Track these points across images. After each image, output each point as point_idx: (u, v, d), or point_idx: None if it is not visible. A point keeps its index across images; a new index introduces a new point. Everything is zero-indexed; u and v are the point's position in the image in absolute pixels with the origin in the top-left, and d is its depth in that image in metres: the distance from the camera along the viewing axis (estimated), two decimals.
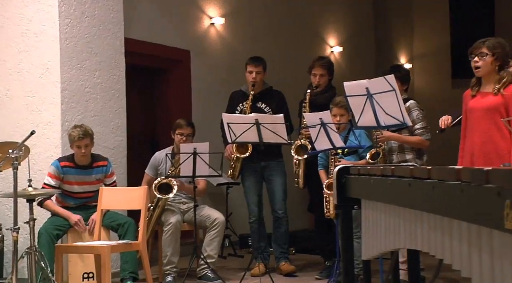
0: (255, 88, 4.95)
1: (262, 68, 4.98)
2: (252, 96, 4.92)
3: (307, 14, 7.33)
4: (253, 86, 4.92)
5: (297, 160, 4.77)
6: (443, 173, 1.51)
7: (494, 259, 1.27)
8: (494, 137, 3.52)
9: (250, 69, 4.96)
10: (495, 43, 3.54)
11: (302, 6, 7.22)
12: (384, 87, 3.62)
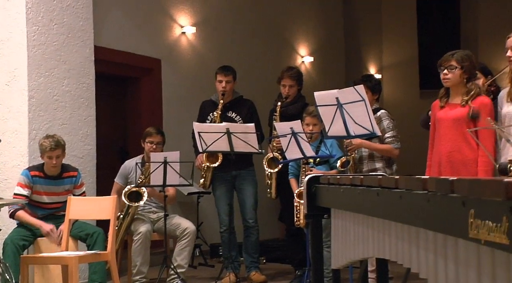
0: (225, 97, 4.95)
1: (232, 77, 4.99)
2: (222, 105, 4.92)
3: (279, 24, 7.38)
4: (223, 95, 4.93)
5: (269, 173, 4.79)
6: (410, 182, 1.54)
7: (459, 267, 1.29)
8: (462, 147, 3.60)
9: (220, 78, 4.97)
10: (464, 56, 3.63)
11: (273, 16, 7.26)
12: (354, 97, 3.67)
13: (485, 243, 1.09)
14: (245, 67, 6.22)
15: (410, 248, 1.62)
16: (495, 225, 1.03)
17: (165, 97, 6.21)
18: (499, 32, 5.14)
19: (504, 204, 0.98)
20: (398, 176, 1.69)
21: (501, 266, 1.09)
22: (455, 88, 3.67)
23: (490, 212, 1.06)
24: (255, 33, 7.02)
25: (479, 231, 1.10)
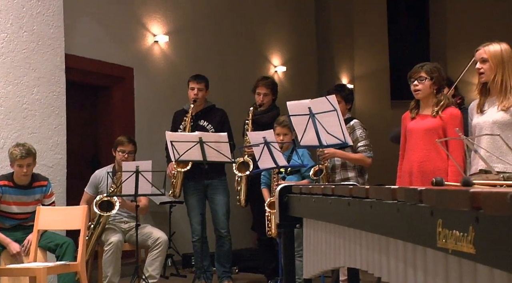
0: (197, 106, 4.95)
1: (204, 86, 5.00)
2: (192, 113, 4.91)
3: (252, 34, 7.41)
4: (194, 102, 4.92)
5: (239, 177, 4.79)
6: (380, 192, 1.55)
7: (428, 277, 1.30)
8: (432, 157, 3.66)
9: (192, 86, 4.97)
10: (433, 67, 3.71)
11: (246, 26, 7.29)
12: (326, 107, 3.70)
13: (452, 253, 1.10)
14: (218, 77, 6.22)
15: (380, 257, 1.64)
16: (462, 235, 1.05)
17: (137, 105, 6.17)
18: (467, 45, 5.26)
19: (470, 214, 1.00)
20: (368, 186, 1.71)
21: (468, 275, 1.10)
22: (425, 99, 3.74)
23: (457, 222, 1.08)
24: (228, 42, 7.03)
25: (447, 241, 1.12)
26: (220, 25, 6.92)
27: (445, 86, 3.91)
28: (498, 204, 0.88)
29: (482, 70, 3.43)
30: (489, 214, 0.93)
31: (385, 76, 8.82)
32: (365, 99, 8.75)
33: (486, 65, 3.41)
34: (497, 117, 3.36)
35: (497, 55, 3.39)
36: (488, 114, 3.43)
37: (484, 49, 3.43)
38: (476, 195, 0.96)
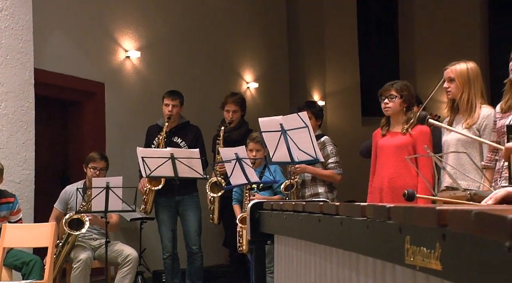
0: (171, 122, 4.94)
1: (179, 102, 4.99)
2: (166, 129, 4.90)
3: (224, 49, 7.43)
4: (169, 119, 4.91)
5: (212, 197, 4.78)
6: (350, 209, 1.56)
7: None
8: (402, 173, 3.71)
9: (167, 102, 4.96)
10: (403, 86, 3.78)
11: (219, 42, 7.31)
12: (297, 124, 3.73)
13: (420, 269, 1.12)
14: (190, 92, 6.21)
15: (350, 274, 1.64)
16: (429, 251, 1.06)
17: (109, 121, 6.11)
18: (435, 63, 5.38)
19: (437, 230, 1.01)
20: (338, 202, 1.72)
21: None
22: (395, 116, 3.81)
23: (424, 239, 1.09)
24: (201, 58, 7.04)
25: (415, 257, 1.13)
26: (192, 41, 6.93)
27: (414, 104, 3.99)
28: (463, 221, 0.89)
29: (449, 88, 3.51)
30: (454, 231, 0.95)
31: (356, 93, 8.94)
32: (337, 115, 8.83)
33: (453, 84, 3.49)
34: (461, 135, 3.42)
35: (464, 74, 3.47)
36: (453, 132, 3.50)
37: (451, 69, 3.52)
38: (443, 212, 0.98)
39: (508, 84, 3.13)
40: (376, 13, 9.87)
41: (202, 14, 7.01)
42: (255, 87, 7.82)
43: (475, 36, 9.09)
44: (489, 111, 3.44)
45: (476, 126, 3.40)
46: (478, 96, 3.46)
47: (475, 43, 8.95)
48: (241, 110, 5.05)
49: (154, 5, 6.46)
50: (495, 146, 2.67)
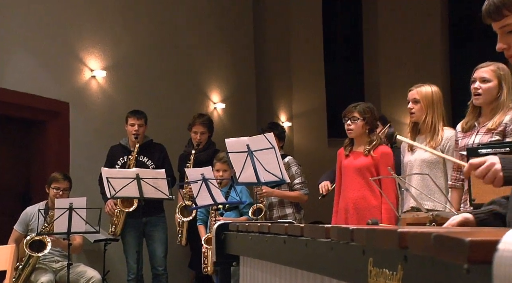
0: (136, 142, 4.91)
1: (144, 121, 4.99)
2: (137, 149, 4.88)
3: (191, 70, 7.44)
4: (136, 139, 4.88)
5: (181, 221, 4.76)
6: (314, 231, 1.57)
7: None
8: (366, 194, 3.75)
9: (132, 122, 4.94)
10: (366, 108, 3.85)
11: (186, 63, 7.32)
12: (264, 145, 3.74)
13: None
14: (157, 113, 6.18)
15: None
16: (391, 273, 1.07)
17: (73, 141, 6.02)
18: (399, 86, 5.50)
19: (399, 253, 1.03)
20: (303, 224, 1.73)
21: None
22: (358, 138, 3.86)
23: (386, 261, 1.10)
24: (167, 78, 7.03)
25: (378, 279, 1.14)
26: (159, 61, 6.92)
27: (377, 126, 4.05)
28: (423, 243, 0.91)
29: (413, 110, 3.58)
30: (415, 253, 0.97)
31: (322, 114, 9.03)
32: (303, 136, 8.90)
33: (418, 105, 3.57)
34: (425, 156, 3.50)
35: (428, 96, 3.55)
36: (417, 153, 3.57)
37: (417, 90, 3.59)
38: (404, 234, 0.99)
39: (471, 106, 3.22)
40: (342, 36, 10.06)
41: (169, 34, 7.02)
42: (222, 108, 7.84)
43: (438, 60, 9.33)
44: (451, 133, 3.52)
45: (440, 148, 3.48)
46: (440, 119, 3.54)
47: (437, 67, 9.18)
48: (209, 132, 5.07)
49: (120, 25, 6.44)
50: (460, 163, 2.73)
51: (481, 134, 3.11)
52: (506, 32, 1.62)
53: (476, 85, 3.11)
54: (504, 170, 1.46)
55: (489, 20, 1.64)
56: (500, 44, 1.64)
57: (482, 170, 1.49)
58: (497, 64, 3.11)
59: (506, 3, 1.59)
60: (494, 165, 1.48)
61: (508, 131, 2.99)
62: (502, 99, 3.07)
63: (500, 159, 1.49)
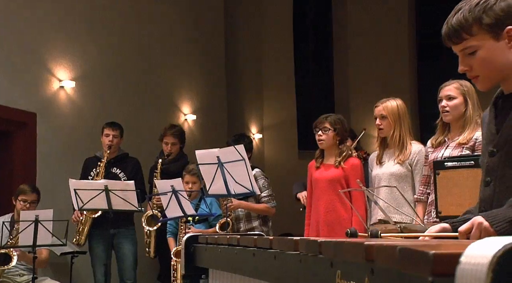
0: (110, 153, 4.87)
1: (119, 133, 4.99)
2: (106, 160, 4.82)
3: (162, 82, 7.41)
4: (109, 149, 4.85)
5: (148, 231, 4.71)
6: (283, 243, 1.57)
7: None
8: (337, 207, 3.78)
9: (107, 132, 4.92)
10: (336, 119, 3.89)
11: (156, 74, 7.29)
12: (234, 157, 3.74)
13: None
14: (127, 124, 6.12)
15: None
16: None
17: (40, 152, 5.92)
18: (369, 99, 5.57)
19: (365, 265, 1.04)
20: (272, 236, 1.73)
21: None
22: (329, 149, 3.89)
23: (354, 273, 1.11)
24: (137, 89, 6.98)
25: None
26: (129, 72, 6.87)
27: (348, 137, 4.10)
28: (389, 256, 0.92)
29: (381, 126, 3.63)
30: (382, 266, 0.98)
31: (292, 126, 9.08)
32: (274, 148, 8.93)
33: (385, 121, 3.62)
34: (394, 169, 3.55)
35: (395, 111, 3.61)
36: (386, 166, 3.62)
37: (383, 106, 3.65)
38: (370, 247, 1.00)
39: (440, 124, 3.32)
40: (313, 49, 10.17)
41: (140, 46, 6.99)
42: (192, 119, 7.82)
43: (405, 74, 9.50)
44: (419, 147, 3.59)
45: (408, 161, 3.54)
46: (407, 132, 3.60)
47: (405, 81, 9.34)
48: (180, 143, 5.06)
49: (90, 35, 6.39)
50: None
51: (451, 148, 3.19)
52: (467, 54, 1.64)
53: (443, 103, 3.22)
54: (494, 225, 1.48)
55: (450, 43, 1.67)
56: (462, 67, 1.67)
57: (474, 234, 1.51)
58: (460, 82, 3.24)
59: (464, 26, 1.61)
60: (481, 224, 1.50)
61: (477, 146, 3.07)
62: (469, 114, 3.17)
63: (484, 216, 1.51)
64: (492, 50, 1.61)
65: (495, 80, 1.66)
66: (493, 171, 1.62)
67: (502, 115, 1.67)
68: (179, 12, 7.56)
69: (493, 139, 1.66)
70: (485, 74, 1.64)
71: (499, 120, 1.67)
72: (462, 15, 1.62)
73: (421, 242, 1.35)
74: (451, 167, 2.81)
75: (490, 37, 1.60)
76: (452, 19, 1.64)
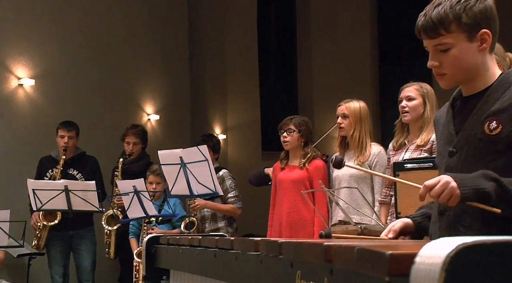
0: (66, 154, 4.77)
1: (75, 133, 4.86)
2: (63, 162, 4.72)
3: (124, 81, 7.32)
4: (65, 151, 4.74)
5: (108, 230, 4.65)
6: (244, 244, 1.58)
7: None
8: (300, 208, 3.81)
9: (62, 134, 4.80)
10: (301, 121, 3.93)
11: (119, 73, 7.19)
12: (197, 157, 3.73)
13: None
14: (88, 123, 6.03)
15: None
16: None
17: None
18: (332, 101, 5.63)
19: (325, 266, 1.05)
20: (233, 237, 1.73)
21: None
22: (293, 150, 3.92)
23: (314, 274, 1.12)
24: (99, 88, 6.88)
25: None
26: (91, 70, 6.76)
27: (312, 139, 4.13)
28: (347, 257, 0.93)
29: (342, 124, 3.68)
30: (340, 267, 0.99)
31: (256, 127, 9.09)
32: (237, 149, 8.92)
33: (347, 120, 3.67)
34: (354, 171, 3.59)
35: (357, 112, 3.66)
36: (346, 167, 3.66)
37: (346, 106, 3.70)
38: (329, 248, 1.01)
39: (399, 125, 3.38)
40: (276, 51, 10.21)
41: (101, 44, 6.88)
42: (156, 119, 7.74)
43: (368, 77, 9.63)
44: (378, 149, 3.64)
45: (368, 163, 3.59)
46: (367, 134, 3.66)
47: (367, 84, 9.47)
48: (142, 143, 5.00)
49: (50, 32, 6.26)
50: (389, 178, 2.82)
51: (411, 151, 3.26)
52: (440, 50, 1.63)
53: (403, 104, 3.29)
54: (461, 187, 1.46)
55: (425, 36, 1.64)
56: (432, 62, 1.65)
57: (437, 189, 1.48)
58: (420, 84, 3.31)
59: (444, 22, 1.59)
60: (449, 183, 1.47)
61: (434, 148, 3.14)
62: (427, 115, 3.24)
63: (453, 177, 1.49)
64: (464, 50, 1.61)
65: (459, 80, 1.67)
66: (452, 171, 1.65)
67: (461, 116, 1.68)
68: (142, 10, 7.48)
69: (453, 140, 1.68)
70: (452, 73, 1.64)
71: (458, 121, 1.69)
72: (443, 10, 1.60)
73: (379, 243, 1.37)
74: (410, 168, 2.86)
75: (465, 37, 1.61)
76: (432, 12, 1.61)
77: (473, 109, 1.65)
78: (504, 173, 1.54)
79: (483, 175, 1.50)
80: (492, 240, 0.72)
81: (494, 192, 1.47)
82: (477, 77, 1.66)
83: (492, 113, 1.60)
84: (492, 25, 1.64)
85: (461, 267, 0.70)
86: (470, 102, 1.68)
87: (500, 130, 1.57)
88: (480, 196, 1.48)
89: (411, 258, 0.74)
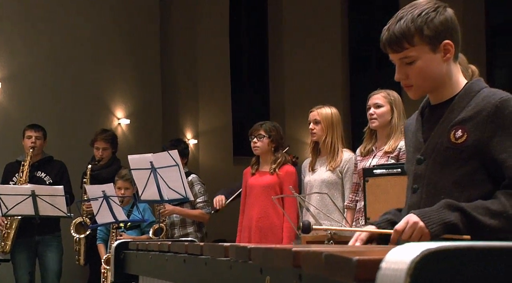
0: (34, 156, 4.70)
1: (42, 135, 4.81)
2: (29, 163, 4.65)
3: (94, 84, 7.24)
4: (32, 151, 4.67)
5: (78, 238, 4.59)
6: (213, 249, 1.57)
7: None
8: (269, 213, 3.82)
9: (29, 134, 4.74)
10: (272, 126, 3.94)
11: (89, 77, 7.11)
12: (168, 162, 3.71)
13: None
14: (56, 127, 5.94)
15: None
16: None
17: None
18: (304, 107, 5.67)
19: (294, 271, 1.05)
20: (203, 243, 1.73)
21: None
22: (264, 156, 3.94)
23: (283, 279, 1.13)
24: (68, 92, 6.78)
25: None
26: (60, 74, 6.67)
27: (283, 144, 4.16)
28: (315, 262, 0.94)
29: (314, 130, 3.71)
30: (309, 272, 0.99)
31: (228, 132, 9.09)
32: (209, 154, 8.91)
33: (319, 126, 3.70)
34: (325, 176, 3.63)
35: (328, 118, 3.70)
36: (318, 173, 3.69)
37: (317, 111, 3.73)
38: (297, 253, 1.02)
39: (367, 131, 3.43)
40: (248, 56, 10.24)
41: (71, 47, 6.80)
42: (126, 124, 7.68)
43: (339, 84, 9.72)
44: (350, 155, 3.68)
45: (339, 169, 3.63)
46: (339, 140, 3.69)
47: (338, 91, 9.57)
48: (112, 148, 4.95)
49: (18, 35, 6.16)
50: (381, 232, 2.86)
51: (378, 157, 3.30)
52: (405, 63, 1.66)
53: (371, 111, 3.34)
54: (429, 226, 1.51)
55: (389, 50, 1.67)
56: (399, 75, 1.69)
57: (406, 232, 1.53)
58: (387, 91, 3.37)
59: (407, 35, 1.62)
60: (417, 224, 1.53)
61: (401, 155, 3.19)
62: (394, 122, 3.29)
63: (419, 215, 1.54)
64: (429, 61, 1.65)
65: (427, 90, 1.71)
66: (420, 178, 1.68)
67: (429, 124, 1.72)
68: (113, 13, 7.42)
69: (421, 148, 1.71)
70: (419, 83, 1.68)
71: (426, 128, 1.72)
72: (405, 24, 1.62)
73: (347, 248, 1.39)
74: (379, 174, 2.90)
75: (428, 48, 1.64)
76: (395, 26, 1.64)
77: (440, 118, 1.69)
78: (470, 181, 1.58)
79: (446, 206, 1.55)
80: (455, 245, 0.73)
81: (460, 222, 1.53)
82: (443, 86, 1.70)
83: (458, 122, 1.64)
84: (454, 35, 1.67)
85: (426, 272, 0.71)
86: (438, 111, 1.71)
87: (466, 139, 1.61)
88: (448, 229, 1.53)
89: (377, 264, 0.75)
